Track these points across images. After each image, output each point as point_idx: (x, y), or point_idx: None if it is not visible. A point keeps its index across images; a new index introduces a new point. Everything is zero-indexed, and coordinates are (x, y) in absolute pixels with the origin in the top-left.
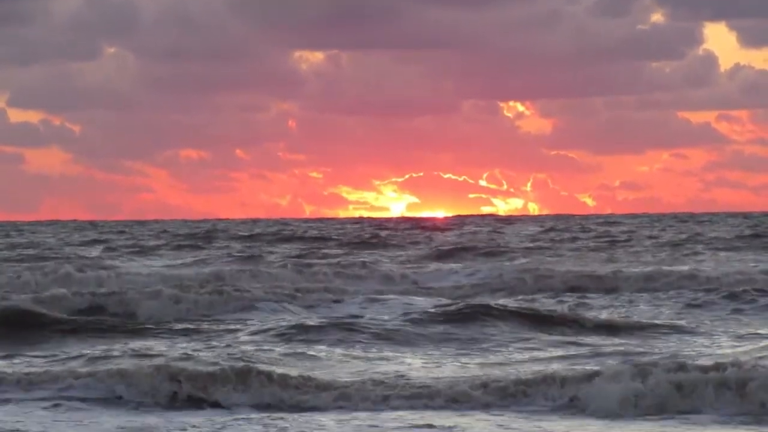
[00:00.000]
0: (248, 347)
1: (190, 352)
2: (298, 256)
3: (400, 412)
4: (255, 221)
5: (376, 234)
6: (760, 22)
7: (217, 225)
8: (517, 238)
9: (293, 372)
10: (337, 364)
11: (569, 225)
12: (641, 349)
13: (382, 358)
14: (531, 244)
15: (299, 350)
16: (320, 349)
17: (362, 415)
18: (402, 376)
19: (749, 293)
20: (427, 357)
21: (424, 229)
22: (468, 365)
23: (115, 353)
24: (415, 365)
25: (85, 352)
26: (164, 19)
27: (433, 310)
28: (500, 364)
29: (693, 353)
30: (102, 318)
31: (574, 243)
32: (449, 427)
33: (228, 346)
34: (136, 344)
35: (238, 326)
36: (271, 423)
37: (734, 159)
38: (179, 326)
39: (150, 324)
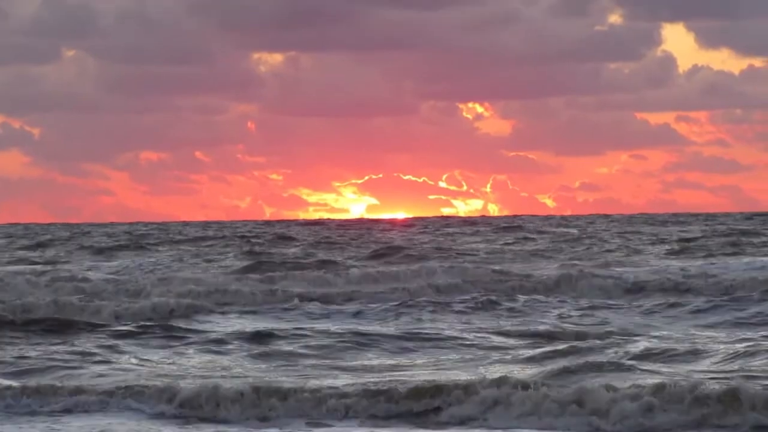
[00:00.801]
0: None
1: None
2: (250, 253)
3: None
4: (220, 223)
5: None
6: (718, 23)
7: (171, 227)
8: (470, 238)
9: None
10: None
11: (521, 225)
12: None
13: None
14: (480, 245)
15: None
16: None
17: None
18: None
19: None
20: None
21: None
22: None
23: None
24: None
25: None
26: (123, 21)
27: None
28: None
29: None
30: None
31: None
32: None
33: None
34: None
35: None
36: None
37: (693, 160)
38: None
39: None
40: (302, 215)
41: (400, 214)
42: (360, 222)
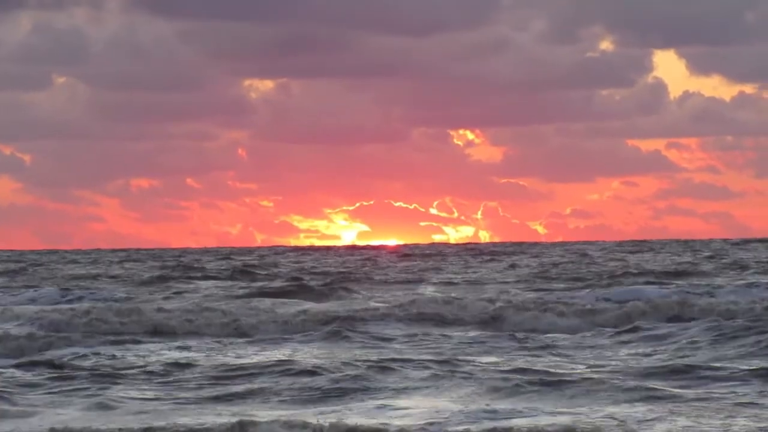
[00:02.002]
0: None
1: None
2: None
3: None
4: (223, 250)
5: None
6: (709, 50)
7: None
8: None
9: None
10: None
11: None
12: None
13: None
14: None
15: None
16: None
17: None
18: None
19: None
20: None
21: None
22: None
23: None
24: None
25: None
26: (114, 48)
27: None
28: None
29: None
30: None
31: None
32: None
33: None
34: None
35: None
36: None
37: (684, 187)
38: None
39: None
40: (293, 242)
41: (392, 241)
42: (353, 248)
